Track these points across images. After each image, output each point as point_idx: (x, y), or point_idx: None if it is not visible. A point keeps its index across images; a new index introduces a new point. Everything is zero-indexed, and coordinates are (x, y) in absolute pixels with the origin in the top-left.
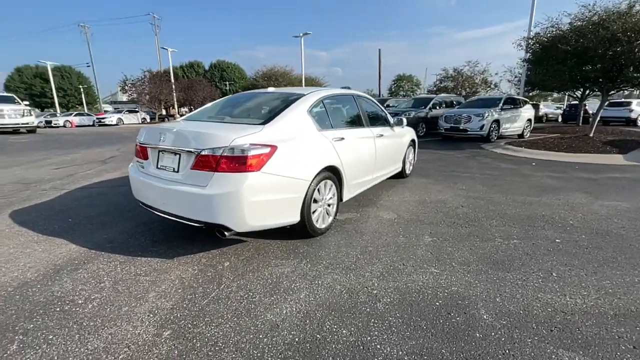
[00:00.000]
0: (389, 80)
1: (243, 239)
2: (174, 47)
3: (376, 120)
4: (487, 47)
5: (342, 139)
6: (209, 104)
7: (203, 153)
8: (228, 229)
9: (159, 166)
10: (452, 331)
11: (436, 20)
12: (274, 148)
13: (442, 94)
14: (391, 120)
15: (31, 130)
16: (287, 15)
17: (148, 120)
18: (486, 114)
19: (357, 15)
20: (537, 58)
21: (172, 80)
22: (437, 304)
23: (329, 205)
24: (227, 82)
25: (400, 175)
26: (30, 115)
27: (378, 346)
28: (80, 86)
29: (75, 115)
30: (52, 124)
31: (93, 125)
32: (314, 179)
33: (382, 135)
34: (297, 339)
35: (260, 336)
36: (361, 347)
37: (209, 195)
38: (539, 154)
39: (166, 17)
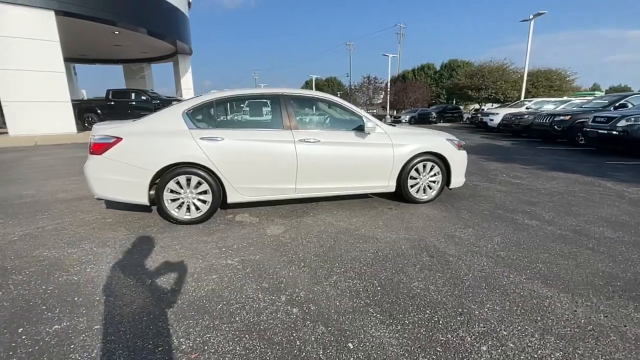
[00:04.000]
0: None
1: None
2: (418, 51)
3: (325, 123)
4: None
5: (221, 139)
6: None
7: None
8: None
9: None
10: None
11: None
12: (118, 140)
13: None
14: (367, 126)
15: None
16: None
17: None
18: None
19: None
20: None
21: (388, 84)
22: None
23: (201, 200)
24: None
25: (401, 197)
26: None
27: None
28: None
29: None
30: None
31: None
32: (161, 171)
33: (317, 140)
34: None
35: None
36: None
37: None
38: None
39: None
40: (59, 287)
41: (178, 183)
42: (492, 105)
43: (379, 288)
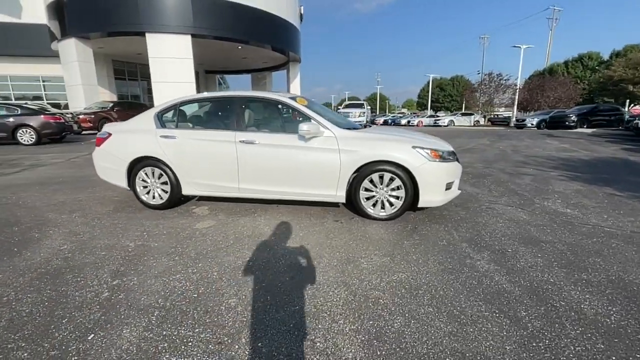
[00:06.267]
0: None
1: None
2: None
3: (274, 125)
4: None
5: (173, 137)
6: None
7: None
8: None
9: None
10: None
11: None
12: (109, 135)
13: None
14: (302, 129)
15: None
16: None
17: (480, 123)
18: None
19: None
20: None
21: (518, 80)
22: None
23: (164, 190)
24: None
25: (357, 210)
26: (364, 115)
27: None
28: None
29: (427, 117)
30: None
31: (434, 125)
32: (132, 161)
33: (257, 142)
34: None
35: None
36: None
37: None
38: None
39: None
40: (21, 239)
41: (146, 174)
42: None
43: (193, 295)
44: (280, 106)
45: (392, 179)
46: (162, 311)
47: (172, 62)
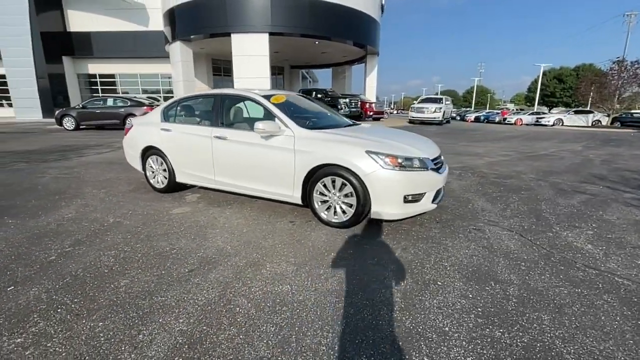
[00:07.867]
0: None
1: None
2: None
3: (243, 121)
4: None
5: (169, 130)
6: None
7: None
8: None
9: None
10: None
11: None
12: (132, 126)
13: None
14: (256, 127)
15: (438, 123)
16: None
17: (602, 123)
18: None
19: None
20: None
21: None
22: None
23: (164, 176)
24: None
25: (317, 215)
26: (439, 111)
27: None
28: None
29: (528, 114)
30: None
31: (536, 124)
32: (143, 149)
33: (228, 138)
34: None
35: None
36: None
37: None
38: None
39: None
40: (50, 206)
41: (152, 161)
42: None
43: (105, 271)
44: (250, 103)
45: (344, 184)
46: (71, 279)
47: (250, 59)
